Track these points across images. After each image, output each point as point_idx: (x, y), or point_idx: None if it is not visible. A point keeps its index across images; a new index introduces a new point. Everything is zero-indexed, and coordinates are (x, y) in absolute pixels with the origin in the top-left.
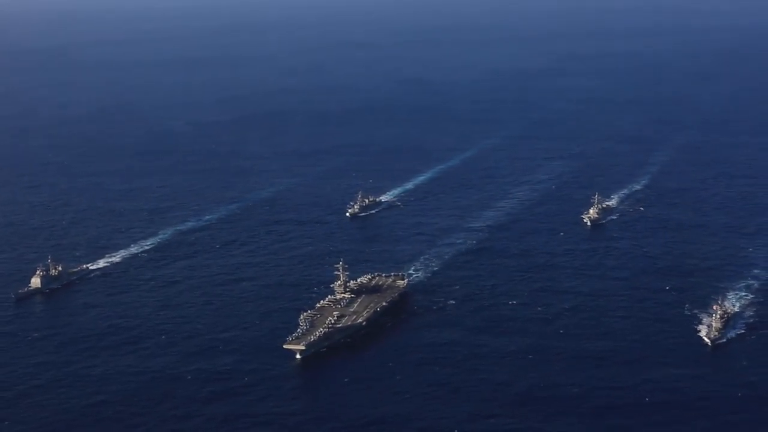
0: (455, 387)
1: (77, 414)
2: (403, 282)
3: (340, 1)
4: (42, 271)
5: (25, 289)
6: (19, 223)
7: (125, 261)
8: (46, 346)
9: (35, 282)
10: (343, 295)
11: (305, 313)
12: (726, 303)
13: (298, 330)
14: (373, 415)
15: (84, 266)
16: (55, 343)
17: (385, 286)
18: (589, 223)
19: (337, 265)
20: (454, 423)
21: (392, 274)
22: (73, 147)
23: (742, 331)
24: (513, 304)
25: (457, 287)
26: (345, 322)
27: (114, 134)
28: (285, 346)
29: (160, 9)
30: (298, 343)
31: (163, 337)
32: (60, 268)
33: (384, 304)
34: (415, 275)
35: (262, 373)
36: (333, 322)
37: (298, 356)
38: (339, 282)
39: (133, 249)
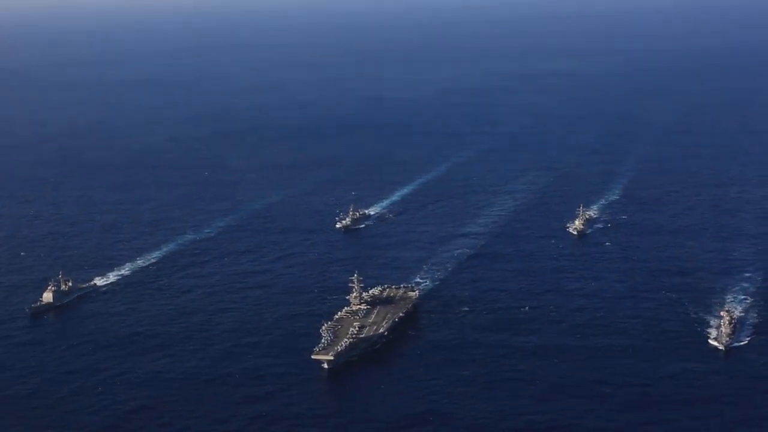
0: (486, 385)
1: (119, 420)
2: (414, 293)
3: (284, 23)
4: (53, 285)
5: (38, 303)
6: (21, 236)
7: (134, 273)
8: (74, 355)
9: (47, 297)
10: (359, 306)
11: (326, 325)
12: (731, 308)
13: (323, 341)
14: (413, 415)
15: (93, 281)
16: (83, 352)
17: (397, 297)
18: (576, 233)
19: (352, 278)
20: (493, 420)
21: (402, 285)
22: (58, 163)
23: (752, 334)
24: (522, 305)
25: (467, 294)
26: (367, 332)
27: (95, 151)
28: (313, 357)
29: (112, 32)
30: (327, 354)
31: (189, 343)
32: (70, 283)
33: (401, 314)
34: (422, 284)
35: (293, 377)
36: (355, 332)
37: (325, 366)
38: (355, 294)
39: (140, 262)
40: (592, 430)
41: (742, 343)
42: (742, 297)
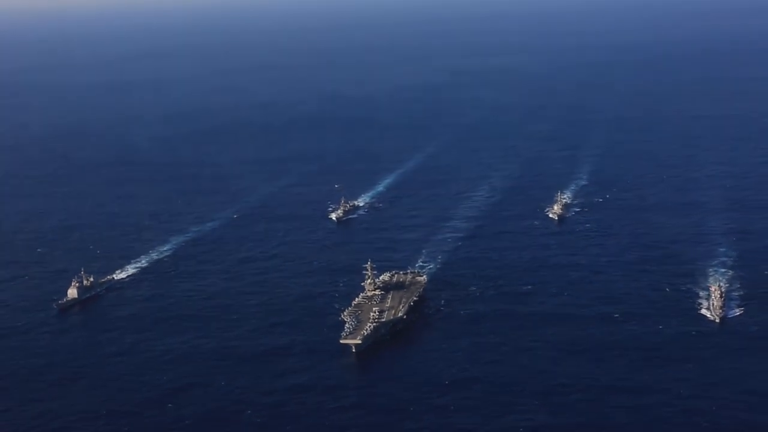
0: (507, 353)
1: (172, 396)
2: (422, 278)
3: (235, 28)
4: (76, 282)
5: (64, 300)
6: (33, 232)
7: (152, 265)
8: (110, 339)
9: (72, 293)
10: (374, 292)
11: (346, 311)
12: (718, 280)
13: (347, 326)
14: (447, 383)
15: (113, 275)
16: (118, 336)
17: (407, 282)
18: (556, 218)
19: (366, 266)
20: (520, 385)
21: (409, 270)
22: (47, 164)
23: (741, 305)
24: (522, 281)
25: (470, 274)
26: (387, 316)
27: (80, 151)
28: (342, 341)
29: (69, 37)
30: (354, 338)
31: (218, 324)
32: (92, 279)
33: (415, 297)
34: (426, 267)
35: (323, 353)
36: (377, 316)
37: (354, 350)
38: (369, 280)
39: (154, 254)
40: (610, 388)
41: (734, 314)
42: (723, 270)
